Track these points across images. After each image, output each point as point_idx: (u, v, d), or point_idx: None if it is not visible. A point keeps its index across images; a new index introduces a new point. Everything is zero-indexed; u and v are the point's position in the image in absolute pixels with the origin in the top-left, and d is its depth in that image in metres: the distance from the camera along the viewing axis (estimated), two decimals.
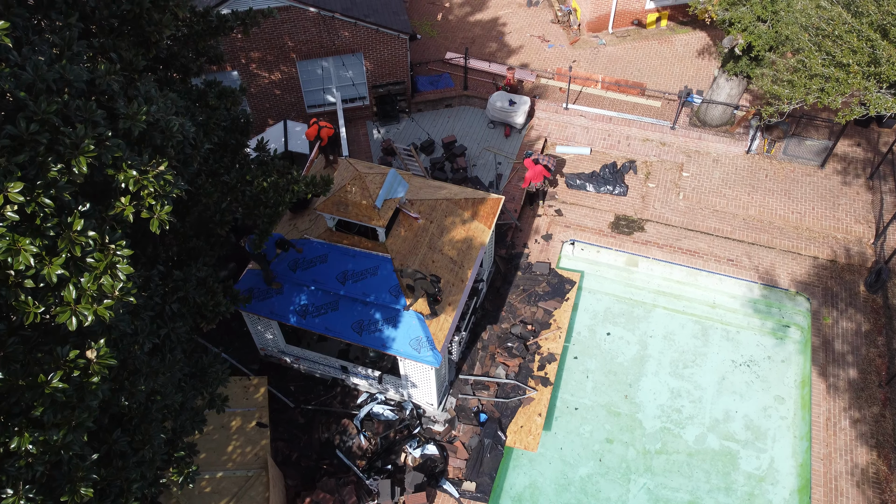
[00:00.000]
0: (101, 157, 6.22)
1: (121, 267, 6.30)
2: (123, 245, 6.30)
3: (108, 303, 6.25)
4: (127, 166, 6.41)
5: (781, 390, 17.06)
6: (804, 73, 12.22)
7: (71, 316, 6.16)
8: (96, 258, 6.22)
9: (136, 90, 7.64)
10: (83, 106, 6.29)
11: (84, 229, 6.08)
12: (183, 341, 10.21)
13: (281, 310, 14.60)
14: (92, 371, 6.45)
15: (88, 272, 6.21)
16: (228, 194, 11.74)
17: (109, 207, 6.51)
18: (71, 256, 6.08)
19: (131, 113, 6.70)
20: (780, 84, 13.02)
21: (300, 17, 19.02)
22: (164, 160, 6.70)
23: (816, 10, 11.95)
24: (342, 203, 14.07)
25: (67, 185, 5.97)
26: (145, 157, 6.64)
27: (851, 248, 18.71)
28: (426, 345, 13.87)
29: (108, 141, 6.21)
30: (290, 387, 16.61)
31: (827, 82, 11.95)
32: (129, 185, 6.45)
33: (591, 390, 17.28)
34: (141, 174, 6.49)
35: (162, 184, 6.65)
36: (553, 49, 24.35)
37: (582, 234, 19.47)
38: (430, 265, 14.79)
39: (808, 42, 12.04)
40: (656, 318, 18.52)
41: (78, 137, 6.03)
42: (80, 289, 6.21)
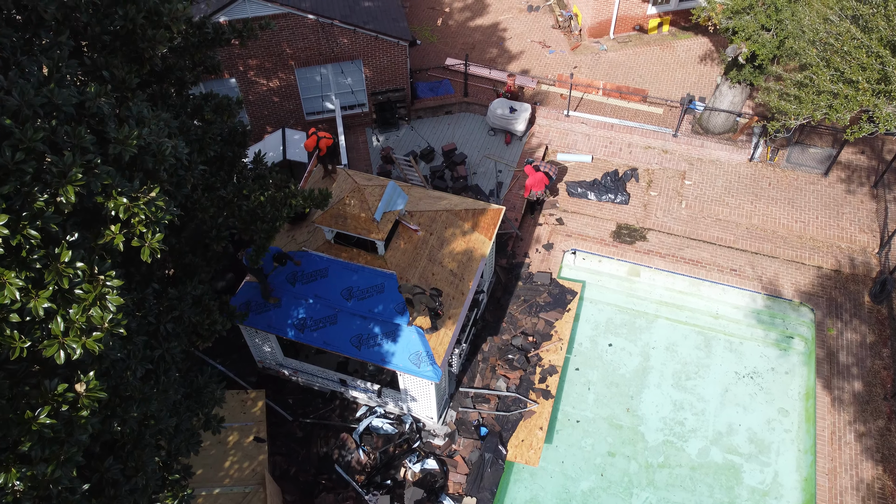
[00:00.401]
0: (90, 185, 6.02)
1: (110, 298, 6.10)
2: (113, 275, 6.10)
3: (97, 335, 6.06)
4: (117, 193, 6.21)
5: (785, 403, 16.86)
6: (812, 89, 12.00)
7: (59, 349, 5.96)
8: (85, 289, 6.03)
9: (129, 111, 7.45)
10: (71, 132, 6.09)
11: (72, 260, 5.88)
12: (178, 361, 10.01)
13: (279, 323, 14.40)
14: (81, 405, 6.26)
15: (77, 304, 6.01)
16: (225, 209, 11.55)
17: (99, 236, 6.31)
18: (58, 289, 5.88)
19: (122, 137, 6.50)
20: (787, 100, 12.79)
21: (299, 24, 18.82)
22: (155, 186, 6.50)
23: (824, 24, 11.72)
24: (341, 216, 13.87)
25: (54, 215, 5.77)
26: (136, 183, 6.44)
27: (856, 258, 18.51)
28: (426, 359, 13.67)
29: (98, 168, 6.01)
30: (289, 400, 16.42)
31: (835, 99, 11.73)
32: (120, 212, 6.25)
33: (592, 402, 17.09)
34: (131, 201, 6.30)
35: (154, 210, 6.45)
36: (554, 55, 24.15)
37: (583, 244, 19.27)
38: (430, 278, 14.59)
39: (816, 57, 11.82)
40: (659, 328, 18.32)
41: (65, 165, 5.83)
42: (69, 321, 6.01)
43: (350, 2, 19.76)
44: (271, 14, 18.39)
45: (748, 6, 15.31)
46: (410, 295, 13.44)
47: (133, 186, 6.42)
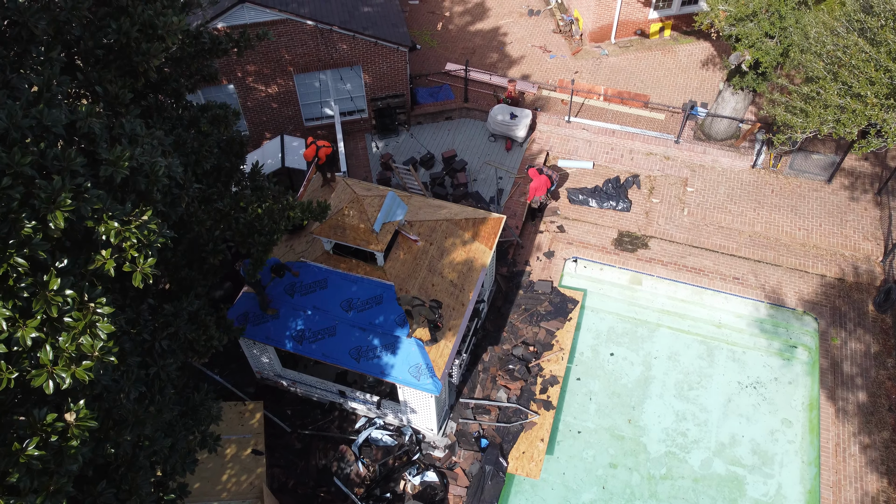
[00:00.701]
0: (80, 210, 5.85)
1: (101, 325, 5.93)
2: (104, 302, 5.93)
3: (87, 364, 5.89)
4: (108, 217, 6.04)
5: (789, 413, 16.70)
6: (819, 102, 11.80)
7: (47, 379, 5.79)
8: (74, 317, 5.86)
9: (122, 128, 7.28)
10: (61, 154, 5.93)
11: (61, 288, 5.72)
12: (173, 379, 9.85)
13: (277, 335, 14.23)
14: (71, 434, 6.09)
15: (66, 332, 5.84)
16: (221, 221, 11.38)
17: (89, 261, 6.14)
18: (47, 317, 5.71)
19: (114, 158, 6.33)
20: (794, 113, 12.59)
21: (297, 30, 18.65)
22: (147, 208, 6.33)
23: (832, 37, 11.51)
24: (339, 227, 13.70)
25: (42, 242, 5.60)
26: (128, 206, 6.27)
27: (860, 266, 18.34)
28: (426, 372, 13.51)
29: (88, 192, 5.83)
30: (287, 410, 16.25)
31: (843, 113, 11.54)
32: (111, 237, 6.08)
33: (594, 413, 16.92)
34: (123, 225, 6.13)
35: (146, 233, 6.28)
36: (555, 59, 23.98)
37: (585, 252, 19.10)
38: (430, 289, 14.42)
39: (824, 70, 11.62)
40: (660, 337, 18.15)
41: (54, 190, 5.66)
42: (58, 349, 5.84)
43: (349, 7, 19.59)
44: (270, 20, 18.22)
45: (752, 14, 15.13)
46: (410, 307, 13.27)
47: (125, 209, 6.25)
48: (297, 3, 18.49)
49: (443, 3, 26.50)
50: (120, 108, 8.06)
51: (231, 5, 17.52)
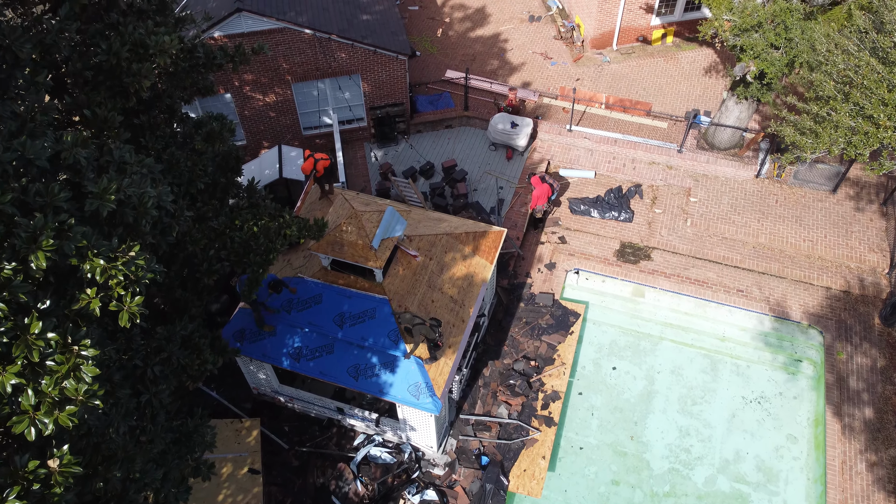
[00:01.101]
0: (63, 248, 5.59)
1: (86, 368, 5.68)
2: (88, 344, 5.67)
3: (70, 409, 5.64)
4: (93, 255, 5.78)
5: (794, 429, 16.44)
6: (830, 123, 11.52)
7: (29, 425, 5.54)
8: (57, 360, 5.60)
9: (110, 154, 7.03)
10: (44, 190, 5.67)
11: (43, 331, 5.47)
12: (166, 405, 9.60)
13: (274, 352, 13.98)
14: (54, 482, 5.84)
15: (49, 376, 5.59)
16: (216, 240, 11.13)
17: (73, 300, 5.89)
18: (28, 362, 5.45)
19: (100, 191, 6.07)
20: (804, 133, 12.31)
21: (295, 38, 18.39)
22: (135, 243, 6.07)
23: (843, 56, 11.22)
24: (337, 243, 13.44)
25: (24, 284, 5.35)
26: (114, 241, 6.02)
27: (865, 279, 18.09)
28: (425, 391, 13.26)
29: (72, 230, 5.58)
30: (284, 427, 16.01)
31: (854, 135, 11.27)
32: (96, 275, 5.83)
33: (596, 428, 16.67)
34: (109, 262, 5.87)
35: (133, 269, 6.02)
36: (556, 66, 23.72)
37: (586, 263, 18.84)
38: (430, 305, 14.17)
39: (834, 90, 11.34)
40: (663, 351, 17.90)
41: (36, 229, 5.41)
42: (40, 394, 5.58)
43: (348, 15, 19.33)
44: (267, 29, 17.96)
45: (757, 24, 14.87)
46: (410, 325, 13.02)
47: (111, 245, 6.00)
48: (294, 12, 18.24)
49: (443, 9, 26.24)
50: (109, 131, 7.80)
51: (228, 14, 17.27)
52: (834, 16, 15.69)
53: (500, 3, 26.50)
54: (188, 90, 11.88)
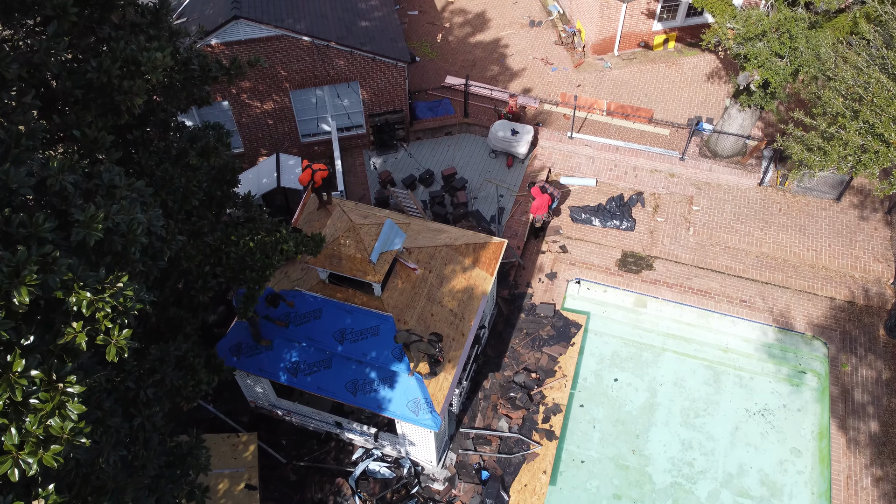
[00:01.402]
0: (48, 282, 5.38)
1: (71, 406, 5.47)
2: (74, 381, 5.47)
3: (56, 448, 5.43)
4: (79, 287, 5.57)
5: (798, 442, 16.24)
6: (839, 141, 11.29)
7: (12, 466, 5.32)
8: (42, 398, 5.39)
9: (99, 178, 6.82)
10: (27, 221, 5.46)
11: (26, 369, 5.26)
12: (159, 427, 9.39)
13: (271, 367, 13.78)
14: None
15: (33, 414, 5.38)
16: (211, 257, 10.92)
17: (59, 335, 5.68)
18: (11, 401, 5.25)
19: (87, 219, 5.86)
20: (812, 151, 12.08)
21: (293, 46, 18.18)
22: (123, 274, 5.86)
23: (852, 72, 10.99)
24: (335, 256, 13.23)
25: (6, 320, 5.14)
26: (102, 272, 5.80)
27: (870, 289, 17.87)
28: (425, 407, 13.05)
29: (56, 263, 5.37)
30: (282, 441, 15.80)
31: (864, 153, 11.05)
32: (83, 308, 5.62)
33: (598, 441, 16.46)
34: (96, 294, 5.66)
35: (122, 300, 5.81)
36: (557, 72, 23.50)
37: (588, 273, 18.63)
38: (430, 319, 13.96)
39: (843, 106, 11.11)
40: (666, 362, 17.69)
41: (19, 263, 5.20)
42: (24, 433, 5.37)
43: (347, 22, 19.12)
44: (265, 36, 17.75)
45: (761, 33, 14.66)
46: (407, 343, 12.81)
47: (98, 276, 5.79)
48: (292, 19, 18.02)
49: (443, 14, 26.03)
50: (99, 151, 7.59)
51: (225, 21, 17.06)
52: (839, 24, 15.48)
53: (500, 8, 26.29)
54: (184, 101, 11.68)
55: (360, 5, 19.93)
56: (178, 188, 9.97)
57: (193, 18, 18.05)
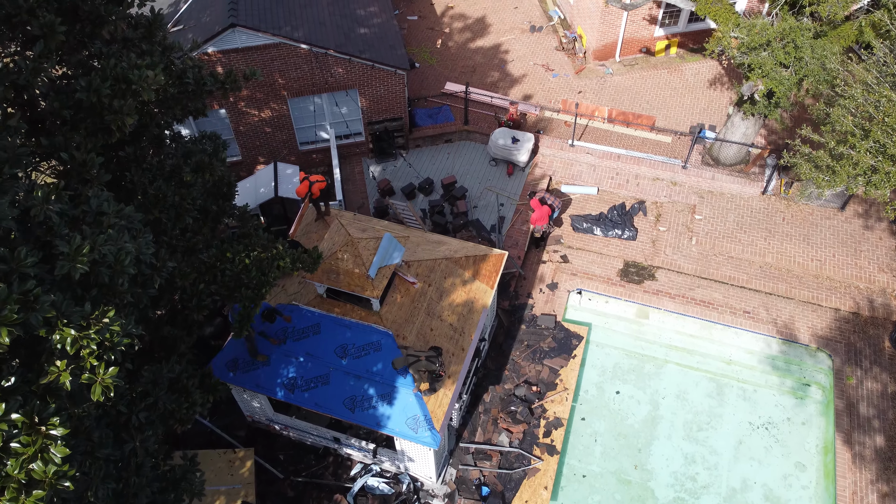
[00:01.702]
0: (30, 320, 5.16)
1: (55, 449, 5.25)
2: (57, 423, 5.24)
3: (38, 493, 5.20)
4: (63, 324, 5.35)
5: (802, 456, 16.01)
6: (848, 161, 11.06)
7: None
8: (24, 442, 5.17)
9: (87, 204, 6.60)
10: (8, 255, 5.23)
11: (7, 412, 5.04)
12: (152, 452, 9.18)
13: (267, 383, 13.55)
14: None
15: (14, 458, 5.15)
16: (206, 274, 10.70)
17: (41, 374, 5.46)
18: None
19: (72, 252, 5.63)
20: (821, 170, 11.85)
21: (291, 54, 17.95)
22: (110, 308, 5.64)
23: (863, 92, 10.76)
24: (333, 271, 13.01)
25: None
26: (87, 307, 5.58)
27: (875, 300, 17.65)
28: (424, 424, 12.83)
29: (38, 300, 5.14)
30: (280, 456, 15.58)
31: (875, 174, 10.83)
32: (66, 345, 5.39)
33: (599, 455, 16.24)
34: (80, 331, 5.44)
35: (108, 336, 5.59)
36: (558, 78, 23.28)
37: (589, 283, 18.41)
38: (429, 333, 13.74)
39: (852, 125, 10.88)
40: (668, 374, 17.46)
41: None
42: (5, 477, 5.15)
43: (345, 29, 18.90)
44: (262, 44, 17.53)
45: (765, 42, 14.44)
46: (406, 366, 12.59)
47: (83, 311, 5.57)
48: (290, 27, 17.80)
49: (442, 19, 25.80)
50: (87, 175, 7.36)
51: (222, 30, 16.84)
52: (844, 32, 15.26)
53: (500, 13, 26.07)
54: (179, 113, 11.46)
55: (358, 12, 19.71)
56: (172, 206, 9.74)
57: (190, 26, 17.83)
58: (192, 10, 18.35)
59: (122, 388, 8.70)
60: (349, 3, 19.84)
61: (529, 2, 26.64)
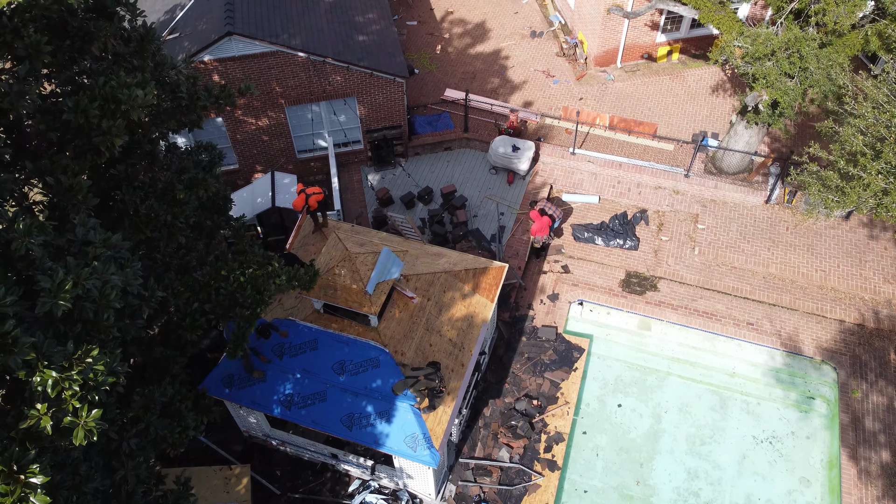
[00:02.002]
0: (9, 363, 4.92)
1: (35, 498, 5.01)
2: (37, 470, 5.01)
3: None
4: (43, 366, 5.11)
5: (807, 471, 15.78)
6: (859, 182, 10.79)
7: None
8: (1, 491, 4.93)
9: (73, 233, 6.37)
10: None
11: None
12: (144, 479, 8.94)
13: (264, 400, 13.33)
14: None
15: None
16: (200, 293, 10.46)
17: (21, 418, 5.22)
18: None
19: (54, 287, 5.40)
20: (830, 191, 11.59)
21: (289, 62, 17.71)
22: (93, 347, 5.40)
23: (874, 111, 10.49)
24: (330, 287, 12.78)
25: None
26: (69, 347, 5.34)
27: (880, 311, 17.41)
28: (423, 443, 12.60)
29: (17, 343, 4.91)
30: (276, 471, 15.35)
31: (886, 196, 10.57)
32: (48, 388, 5.16)
33: (601, 470, 16.00)
34: (62, 373, 5.20)
35: (92, 376, 5.35)
36: (558, 85, 23.03)
37: (590, 294, 18.17)
38: (428, 349, 13.51)
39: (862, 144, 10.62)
40: (671, 387, 17.23)
41: None
42: None
43: (343, 37, 18.65)
44: (259, 52, 17.29)
45: (770, 52, 14.20)
46: (408, 388, 12.37)
47: (66, 351, 5.34)
48: (288, 35, 17.56)
49: (442, 24, 25.56)
50: (74, 199, 7.13)
51: (218, 38, 16.60)
52: (850, 41, 15.02)
53: (500, 18, 25.82)
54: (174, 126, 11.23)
55: (357, 19, 19.47)
56: (164, 225, 9.51)
57: (186, 34, 17.59)
58: (189, 18, 18.11)
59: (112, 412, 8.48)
60: (347, 9, 19.59)
61: (530, 6, 26.40)
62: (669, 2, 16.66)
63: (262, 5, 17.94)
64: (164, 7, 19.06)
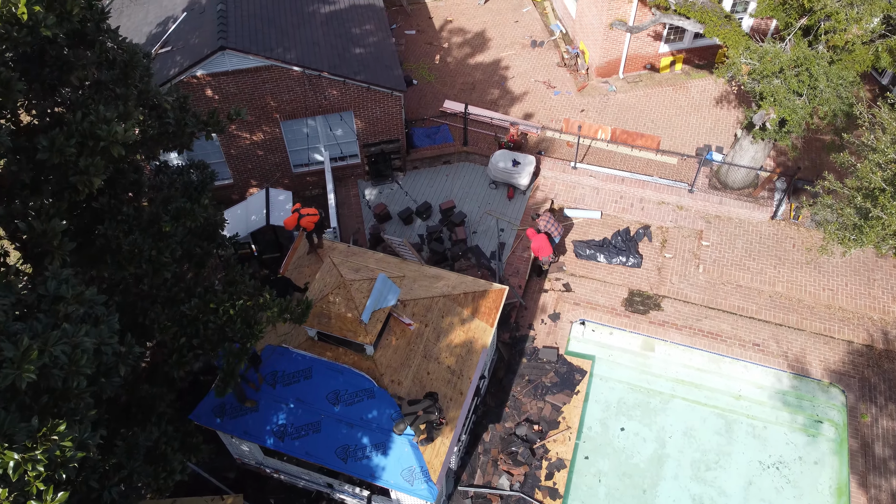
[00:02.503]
0: None
1: None
2: None
3: None
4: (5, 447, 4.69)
5: (815, 499, 15.37)
6: (878, 221, 10.40)
7: None
8: None
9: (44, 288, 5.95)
10: None
11: None
12: None
13: (256, 430, 12.91)
14: None
15: None
16: (188, 327, 10.05)
17: None
18: None
19: (17, 357, 4.97)
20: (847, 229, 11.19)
21: (283, 76, 17.29)
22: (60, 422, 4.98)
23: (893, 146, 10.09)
24: (325, 315, 12.36)
25: None
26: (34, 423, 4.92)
27: (889, 332, 17.00)
28: (420, 476, 12.19)
29: None
30: (270, 500, 14.94)
31: None
32: (9, 471, 4.74)
33: (603, 497, 15.59)
34: (25, 453, 4.78)
35: (59, 453, 4.93)
36: (559, 96, 22.61)
37: (593, 313, 17.76)
38: (426, 377, 13.10)
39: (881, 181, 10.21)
40: (675, 410, 16.81)
41: None
42: None
43: (340, 49, 18.23)
44: (253, 66, 16.87)
45: (778, 70, 13.78)
46: (409, 424, 11.96)
47: (30, 427, 4.91)
48: (282, 48, 17.14)
49: (441, 34, 25.13)
50: (48, 246, 6.70)
51: (211, 52, 16.18)
52: (859, 58, 14.61)
53: (500, 28, 25.40)
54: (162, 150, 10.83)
55: (353, 31, 19.04)
56: (148, 261, 9.08)
57: (178, 48, 17.17)
58: (181, 31, 17.68)
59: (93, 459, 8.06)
60: (344, 21, 19.17)
61: (530, 15, 25.97)
62: (674, 16, 16.25)
63: (256, 18, 17.52)
64: (157, 19, 18.63)
